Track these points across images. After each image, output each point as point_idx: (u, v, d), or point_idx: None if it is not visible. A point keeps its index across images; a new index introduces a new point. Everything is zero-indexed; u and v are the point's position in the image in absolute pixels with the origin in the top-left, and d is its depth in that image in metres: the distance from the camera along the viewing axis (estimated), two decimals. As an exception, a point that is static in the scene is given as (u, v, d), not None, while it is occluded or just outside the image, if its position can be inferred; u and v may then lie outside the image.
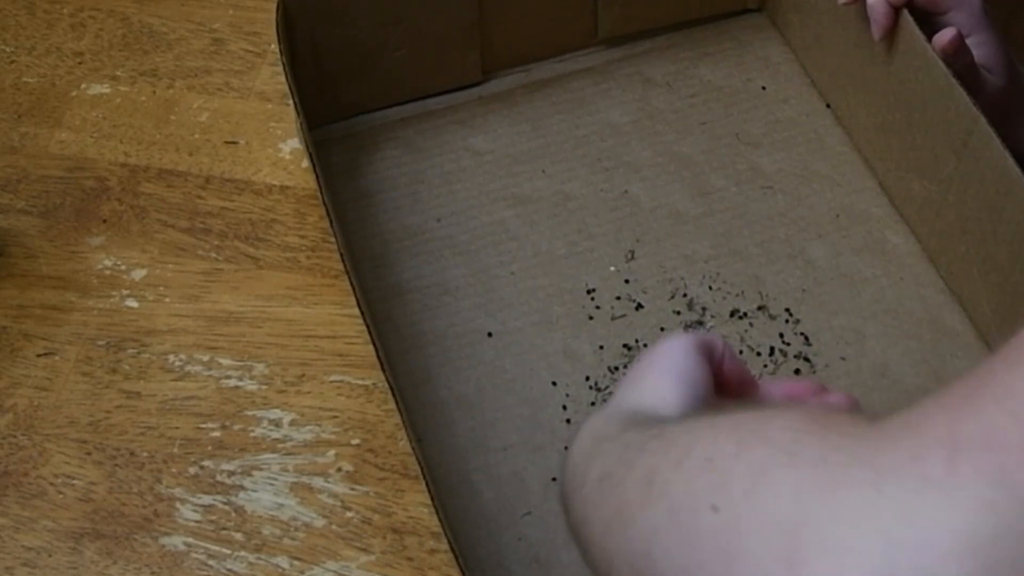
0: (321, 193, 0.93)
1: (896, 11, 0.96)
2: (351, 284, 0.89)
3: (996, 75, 0.97)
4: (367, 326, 0.86)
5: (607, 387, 0.96)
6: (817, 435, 0.51)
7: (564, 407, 0.95)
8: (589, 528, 0.62)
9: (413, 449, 0.82)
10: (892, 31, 0.97)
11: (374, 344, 0.85)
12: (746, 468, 0.52)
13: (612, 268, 1.02)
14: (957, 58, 0.93)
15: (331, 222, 0.91)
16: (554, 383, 0.96)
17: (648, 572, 0.55)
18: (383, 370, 0.85)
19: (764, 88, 1.14)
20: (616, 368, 0.97)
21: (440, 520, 0.80)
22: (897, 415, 0.50)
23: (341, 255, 0.90)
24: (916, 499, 0.46)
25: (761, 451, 0.53)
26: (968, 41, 0.94)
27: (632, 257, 1.03)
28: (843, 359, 0.97)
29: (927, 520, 0.46)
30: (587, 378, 0.97)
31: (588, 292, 1.01)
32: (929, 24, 0.96)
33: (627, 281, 1.02)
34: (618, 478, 0.59)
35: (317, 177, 0.94)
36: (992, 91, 0.96)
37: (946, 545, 0.45)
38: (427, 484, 0.81)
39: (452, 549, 0.78)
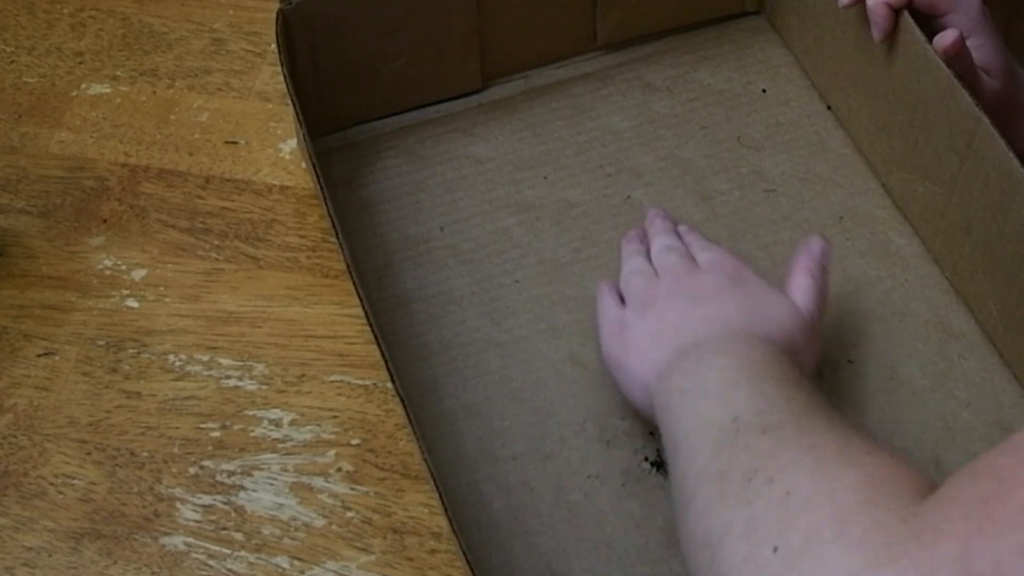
0: (326, 204, 0.93)
1: (896, 13, 0.96)
2: (358, 295, 0.88)
3: (995, 77, 0.97)
4: (376, 337, 0.86)
5: (614, 394, 0.95)
6: (867, 512, 0.62)
7: (573, 415, 0.95)
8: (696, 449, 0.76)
9: (425, 461, 0.82)
10: (892, 33, 0.97)
11: (384, 357, 0.85)
12: (807, 524, 0.63)
13: (617, 274, 1.02)
14: (957, 60, 0.93)
15: (337, 233, 0.91)
16: (561, 391, 0.96)
17: (712, 558, 0.68)
18: (393, 381, 0.84)
19: (764, 91, 1.14)
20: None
21: (454, 531, 0.79)
22: (933, 503, 0.60)
23: (348, 265, 0.90)
24: None
25: (821, 513, 0.63)
26: (967, 43, 0.94)
27: (636, 263, 1.03)
28: (850, 361, 0.96)
29: None
30: (594, 386, 0.96)
31: (593, 299, 1.00)
32: (928, 26, 0.96)
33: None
34: (739, 447, 0.72)
35: (322, 189, 0.93)
36: (991, 93, 0.96)
37: None
38: (440, 496, 0.80)
39: (466, 559, 0.77)
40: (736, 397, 0.77)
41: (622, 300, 0.93)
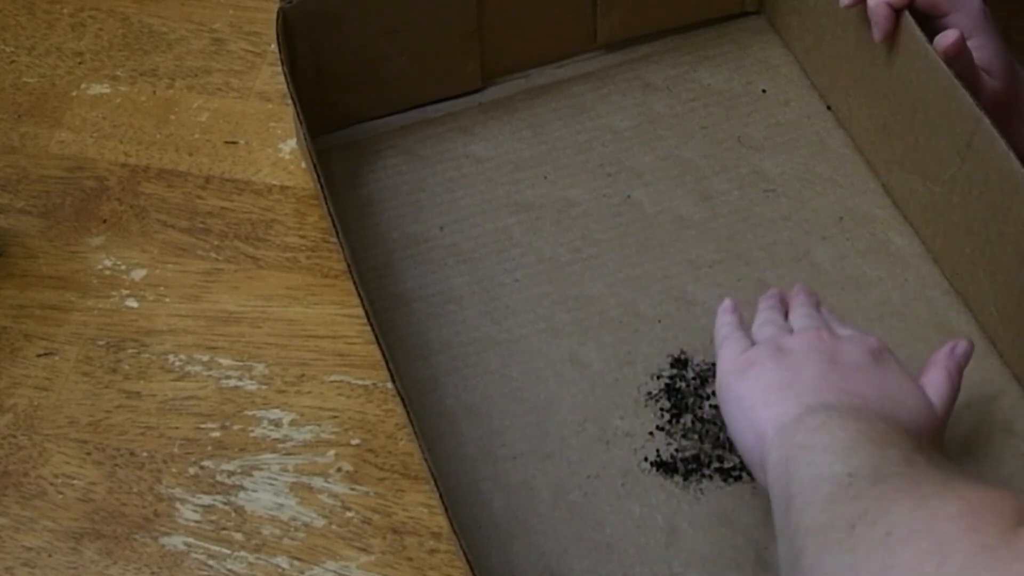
0: (326, 203, 0.93)
1: (897, 13, 0.96)
2: (359, 294, 0.88)
3: (996, 77, 0.97)
4: (376, 336, 0.86)
5: (614, 394, 0.95)
6: (968, 539, 0.60)
7: (573, 415, 0.95)
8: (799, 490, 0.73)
9: (425, 460, 0.82)
10: (893, 33, 0.97)
11: (384, 355, 0.85)
12: (908, 561, 0.62)
13: (617, 274, 1.02)
14: (958, 60, 0.93)
15: (337, 232, 0.91)
16: (561, 391, 0.96)
17: None
18: (393, 381, 0.84)
19: (764, 91, 1.13)
20: (623, 375, 0.96)
21: (454, 531, 0.79)
22: None
23: (348, 265, 0.90)
24: None
25: (922, 546, 0.62)
26: (968, 43, 0.94)
27: (636, 263, 1.03)
28: (848, 363, 0.96)
29: None
30: (594, 385, 0.96)
31: (593, 299, 1.01)
32: (929, 27, 0.96)
33: (631, 287, 1.01)
34: (848, 497, 0.70)
35: (322, 188, 0.93)
36: (992, 93, 0.96)
37: None
38: (440, 495, 0.81)
39: (466, 559, 0.77)
40: (857, 456, 0.74)
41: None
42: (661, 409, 0.94)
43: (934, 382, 0.86)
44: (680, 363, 0.97)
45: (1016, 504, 0.63)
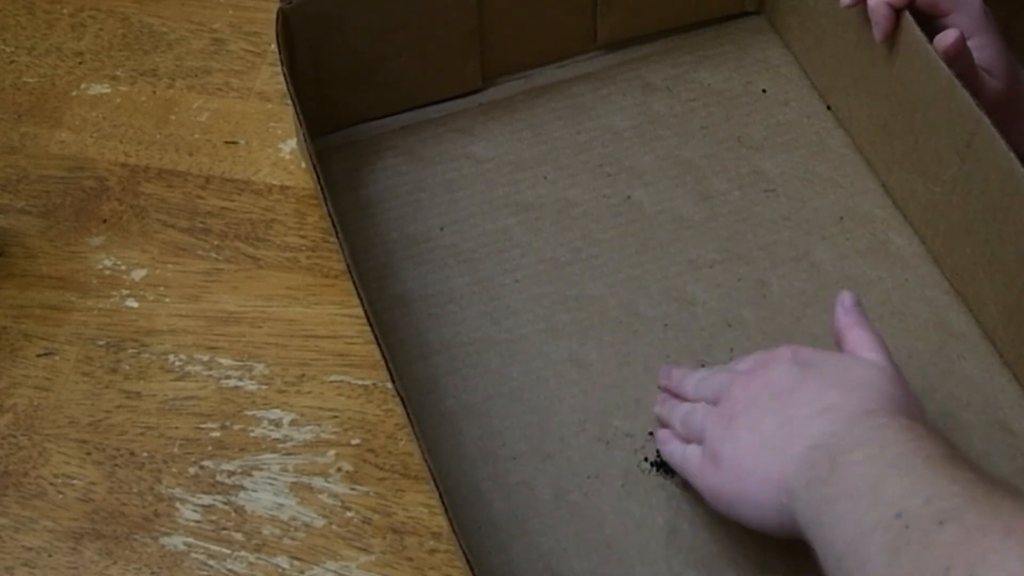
0: (326, 203, 0.93)
1: (897, 13, 0.96)
2: (358, 294, 0.88)
3: (997, 77, 0.97)
4: (376, 336, 0.86)
5: (614, 394, 0.95)
6: None
7: (573, 415, 0.95)
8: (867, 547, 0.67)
9: (425, 460, 0.82)
10: (893, 33, 0.97)
11: (384, 355, 0.85)
12: None
13: (617, 274, 1.02)
14: (959, 60, 0.93)
15: (337, 232, 0.91)
16: (561, 391, 0.96)
17: None
18: (393, 381, 0.84)
19: (764, 91, 1.13)
20: (623, 375, 0.96)
21: (454, 531, 0.79)
22: None
23: (348, 265, 0.90)
24: None
25: None
26: (969, 43, 0.94)
27: (636, 263, 1.03)
28: (849, 363, 0.96)
29: None
30: (594, 385, 0.96)
31: (593, 299, 1.01)
32: (930, 27, 0.96)
33: (631, 287, 1.01)
34: (917, 546, 0.64)
35: (322, 188, 0.93)
36: (993, 93, 0.96)
37: None
38: (440, 495, 0.81)
39: (466, 559, 0.77)
40: (889, 491, 0.68)
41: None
42: (661, 409, 0.94)
43: (858, 342, 0.83)
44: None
45: None
